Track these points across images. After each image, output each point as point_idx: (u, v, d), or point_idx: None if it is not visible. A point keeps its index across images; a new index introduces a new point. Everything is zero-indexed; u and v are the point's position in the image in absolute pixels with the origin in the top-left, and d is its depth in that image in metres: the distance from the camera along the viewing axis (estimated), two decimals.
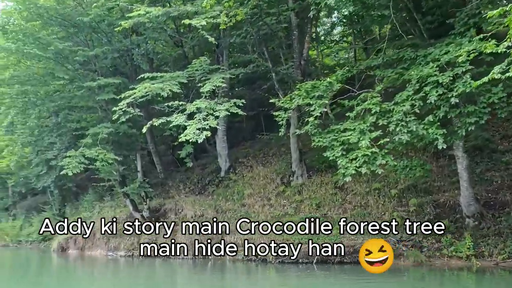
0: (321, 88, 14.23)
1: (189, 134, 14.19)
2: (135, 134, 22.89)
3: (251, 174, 24.73)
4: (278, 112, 14.84)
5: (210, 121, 14.59)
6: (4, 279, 21.14)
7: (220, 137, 26.01)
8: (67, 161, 18.96)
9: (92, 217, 29.76)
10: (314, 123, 14.09)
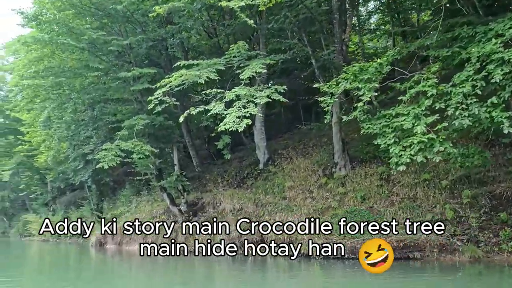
0: (370, 70, 13.13)
1: (229, 123, 13.35)
2: (171, 126, 22.25)
3: (291, 166, 23.75)
4: (323, 98, 13.77)
5: (251, 109, 13.70)
6: (45, 273, 20.94)
7: (258, 128, 25.11)
8: (103, 154, 18.44)
9: (129, 211, 29.48)
10: (363, 109, 12.98)
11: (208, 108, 14.37)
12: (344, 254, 17.80)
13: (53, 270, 22.19)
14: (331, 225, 18.07)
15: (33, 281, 18.97)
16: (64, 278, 19.28)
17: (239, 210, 22.16)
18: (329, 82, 14.66)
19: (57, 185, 44.76)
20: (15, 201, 57.33)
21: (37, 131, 34.26)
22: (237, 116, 13.43)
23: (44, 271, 22.11)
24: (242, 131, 27.30)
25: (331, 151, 23.05)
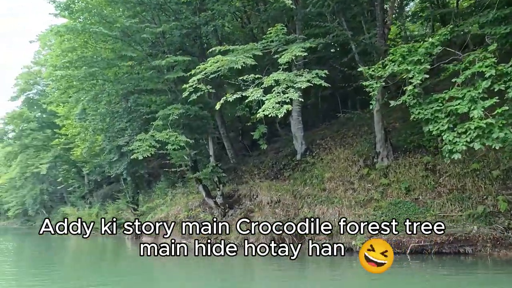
0: (419, 51, 12.11)
1: (268, 109, 12.60)
2: (206, 116, 21.66)
3: (330, 156, 22.85)
4: (368, 82, 12.83)
5: (290, 94, 12.90)
6: (84, 266, 20.78)
7: (295, 118, 24.28)
8: (137, 145, 17.99)
9: (164, 204, 29.17)
10: (413, 92, 11.99)
11: (246, 95, 13.64)
12: None
13: (88, 265, 22.04)
14: (378, 225, 17.17)
15: (72, 275, 18.84)
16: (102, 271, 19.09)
17: (277, 202, 21.44)
18: (374, 65, 13.69)
19: (93, 178, 45.14)
20: (53, 194, 58.30)
21: (72, 124, 34.41)
22: (276, 101, 12.65)
23: (82, 264, 21.99)
24: (278, 121, 26.63)
25: (372, 140, 22.04)
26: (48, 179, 57.92)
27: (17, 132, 49.21)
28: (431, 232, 15.98)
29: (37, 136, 47.97)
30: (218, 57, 14.38)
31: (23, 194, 62.10)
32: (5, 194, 70.90)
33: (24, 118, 47.50)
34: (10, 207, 70.16)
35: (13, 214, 71.43)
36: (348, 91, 29.92)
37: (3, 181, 68.90)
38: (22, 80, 47.23)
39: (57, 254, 26.29)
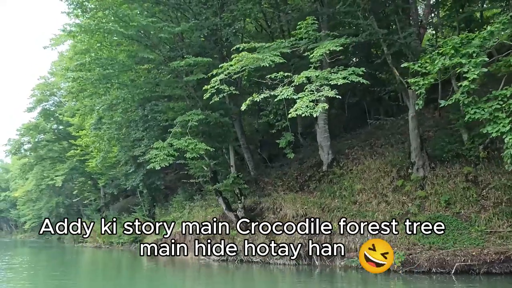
0: (475, 43, 10.55)
1: (301, 108, 11.14)
2: (227, 123, 20.26)
3: (360, 167, 21.26)
4: (414, 79, 11.30)
5: (325, 91, 11.42)
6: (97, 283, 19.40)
7: (321, 127, 22.79)
8: (154, 154, 16.66)
9: (182, 217, 27.77)
10: (468, 89, 10.43)
11: (275, 94, 12.20)
12: (431, 268, 15.20)
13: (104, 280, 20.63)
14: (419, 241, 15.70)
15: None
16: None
17: (303, 215, 19.87)
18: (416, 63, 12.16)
19: (110, 191, 44.01)
20: (69, 207, 57.40)
21: (88, 134, 33.35)
22: (310, 100, 11.19)
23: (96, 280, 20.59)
24: (300, 132, 25.11)
25: (405, 149, 20.47)
26: (64, 192, 57.10)
27: (32, 144, 48.44)
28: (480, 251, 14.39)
29: (53, 147, 47.13)
30: (243, 54, 13.02)
31: (39, 207, 61.40)
32: (22, 207, 70.40)
33: (40, 129, 46.74)
34: (27, 220, 69.60)
35: (29, 227, 70.85)
36: (375, 98, 28.45)
37: (20, 194, 68.42)
38: (38, 91, 46.59)
39: (69, 271, 24.96)
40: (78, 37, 18.37)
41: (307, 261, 18.90)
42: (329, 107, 24.01)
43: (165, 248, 27.00)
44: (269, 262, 19.84)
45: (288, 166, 26.11)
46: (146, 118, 24.05)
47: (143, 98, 24.37)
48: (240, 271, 20.03)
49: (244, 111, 19.49)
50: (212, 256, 22.57)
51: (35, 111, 47.59)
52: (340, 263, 17.94)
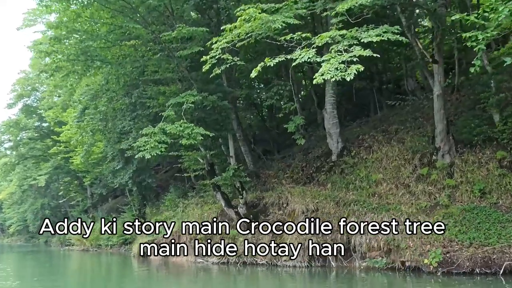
0: None
1: (328, 72, 8.80)
2: (226, 107, 17.79)
3: (375, 155, 18.95)
4: (471, 33, 8.93)
5: (356, 51, 9.06)
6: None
7: (329, 112, 20.46)
8: (144, 141, 14.21)
9: (175, 216, 25.33)
10: None
11: (293, 57, 9.81)
12: (474, 268, 12.93)
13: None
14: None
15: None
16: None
17: (314, 211, 17.53)
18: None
19: (98, 192, 41.40)
20: (56, 209, 54.59)
21: (71, 128, 30.64)
22: (339, 61, 8.84)
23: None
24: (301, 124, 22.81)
25: (428, 134, 18.23)
26: (50, 193, 54.35)
27: (14, 142, 45.57)
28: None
29: (36, 145, 44.31)
30: (250, 11, 10.61)
31: (24, 210, 58.54)
32: (8, 210, 67.43)
33: (21, 126, 43.90)
34: (12, 223, 66.63)
35: (14, 230, 67.90)
36: (397, 75, 26.31)
37: (4, 196, 65.43)
38: (19, 86, 43.78)
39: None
40: (52, 8, 15.75)
41: (321, 262, 16.58)
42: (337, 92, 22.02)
43: (157, 249, 24.71)
44: (277, 264, 17.50)
45: (291, 158, 23.78)
46: (134, 106, 21.58)
47: (130, 85, 22.00)
48: (243, 275, 17.67)
49: (237, 105, 17.64)
50: (211, 258, 20.20)
51: (15, 107, 44.79)
52: (360, 264, 15.65)
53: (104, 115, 23.90)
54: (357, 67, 8.64)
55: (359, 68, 8.68)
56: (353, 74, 8.63)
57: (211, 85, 17.91)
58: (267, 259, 17.81)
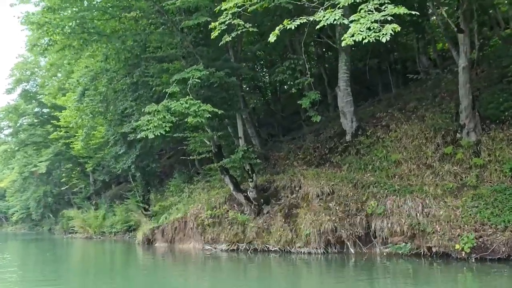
0: None
1: (359, 32, 7.61)
2: (234, 84, 16.59)
3: (394, 134, 17.78)
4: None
5: (390, 9, 7.85)
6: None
7: (342, 89, 19.26)
8: (147, 120, 13.08)
9: (181, 202, 24.33)
10: None
11: (316, 19, 8.61)
12: (511, 253, 11.86)
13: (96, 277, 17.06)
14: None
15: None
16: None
17: (330, 194, 16.44)
18: None
19: (101, 178, 40.38)
20: (59, 196, 53.68)
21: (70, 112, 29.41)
22: (372, 21, 7.66)
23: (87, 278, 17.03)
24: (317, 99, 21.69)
25: (450, 110, 17.06)
26: (52, 180, 53.38)
27: (13, 128, 44.42)
28: None
29: (36, 131, 43.12)
30: None
31: (26, 197, 57.67)
32: (11, 199, 66.65)
33: (21, 112, 42.71)
34: (15, 211, 65.87)
35: (17, 218, 67.19)
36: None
37: (6, 184, 64.55)
38: (17, 71, 42.52)
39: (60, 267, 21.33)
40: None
41: (338, 249, 15.56)
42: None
43: (163, 236, 23.75)
44: (290, 251, 16.48)
45: (301, 139, 22.65)
46: (136, 86, 20.40)
47: (131, 64, 20.82)
48: (254, 262, 16.64)
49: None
50: (219, 245, 19.22)
51: (14, 92, 43.57)
52: (381, 250, 14.60)
53: (104, 97, 22.72)
54: (393, 27, 7.45)
55: (396, 28, 7.48)
56: (389, 34, 7.43)
57: (217, 62, 16.70)
58: (279, 246, 16.82)
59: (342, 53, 19.25)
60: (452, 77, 18.75)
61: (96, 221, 36.51)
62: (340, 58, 19.44)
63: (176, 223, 22.45)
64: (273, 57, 27.77)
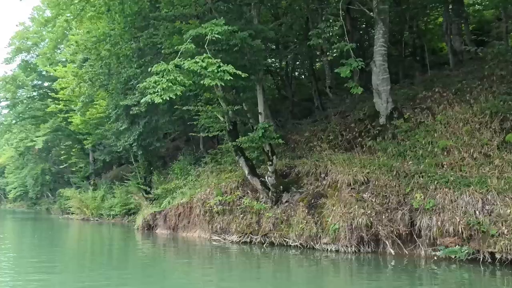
0: None
1: None
2: (258, 48, 14.05)
3: (439, 118, 15.28)
4: None
5: None
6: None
7: (378, 64, 16.70)
8: (154, 81, 10.63)
9: (186, 185, 21.98)
10: None
11: None
12: None
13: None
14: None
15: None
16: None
17: (364, 183, 14.00)
18: None
19: (101, 158, 38.11)
20: (57, 174, 51.50)
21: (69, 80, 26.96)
22: None
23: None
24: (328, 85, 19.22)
25: (507, 91, 14.56)
26: (51, 158, 51.24)
27: (10, 100, 41.98)
28: None
29: (35, 105, 40.74)
30: None
31: (24, 175, 55.54)
32: (9, 176, 64.57)
33: (19, 83, 40.26)
34: (12, 188, 63.83)
35: (14, 195, 65.17)
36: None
37: (4, 160, 62.48)
38: (17, 39, 40.01)
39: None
40: None
41: (373, 248, 13.17)
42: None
43: (164, 222, 21.47)
44: (313, 247, 14.12)
45: (326, 121, 20.17)
46: (142, 51, 17.95)
47: (137, 26, 18.37)
48: (270, 258, 14.33)
49: None
50: (229, 236, 16.88)
51: (14, 63, 41.06)
52: (427, 252, 12.20)
53: (106, 64, 20.25)
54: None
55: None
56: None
57: (239, 22, 14.23)
58: (301, 240, 14.45)
59: (379, 22, 16.71)
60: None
61: (94, 202, 34.31)
62: (377, 29, 16.92)
63: (180, 208, 20.14)
64: (288, 37, 25.47)
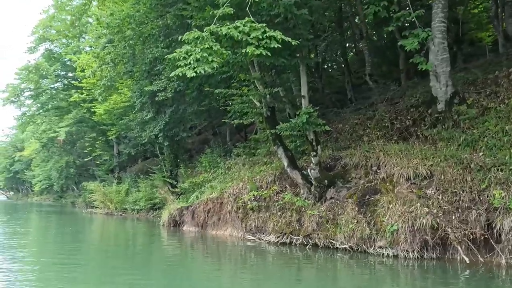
0: None
1: None
2: (304, 20, 12.06)
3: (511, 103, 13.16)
4: None
5: None
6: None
7: (437, 43, 14.53)
8: (185, 51, 8.83)
9: (216, 179, 20.25)
10: None
11: None
12: None
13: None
14: None
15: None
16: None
17: (427, 178, 11.99)
18: None
19: (126, 151, 36.81)
20: (82, 167, 50.63)
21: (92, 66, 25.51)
22: None
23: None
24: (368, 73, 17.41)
25: None
26: (76, 150, 50.38)
27: (34, 90, 40.90)
28: None
29: (58, 95, 39.56)
30: None
31: (49, 168, 54.87)
32: (36, 168, 64.27)
33: (41, 72, 39.09)
34: (37, 181, 63.46)
35: (39, 188, 64.82)
36: None
37: (29, 152, 62.04)
38: (41, 28, 38.84)
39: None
40: None
41: (439, 253, 11.15)
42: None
43: (192, 219, 19.85)
44: (367, 251, 12.18)
45: (371, 109, 18.12)
46: (169, 30, 16.23)
47: (164, 3, 16.67)
48: (314, 262, 12.44)
49: None
50: (266, 236, 15.06)
51: (37, 52, 39.89)
52: (510, 260, 10.15)
53: (130, 46, 18.59)
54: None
55: None
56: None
57: None
58: (351, 243, 12.52)
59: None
60: None
61: (118, 196, 33.13)
62: (435, 2, 14.80)
63: (209, 204, 18.44)
64: (320, 26, 23.55)
